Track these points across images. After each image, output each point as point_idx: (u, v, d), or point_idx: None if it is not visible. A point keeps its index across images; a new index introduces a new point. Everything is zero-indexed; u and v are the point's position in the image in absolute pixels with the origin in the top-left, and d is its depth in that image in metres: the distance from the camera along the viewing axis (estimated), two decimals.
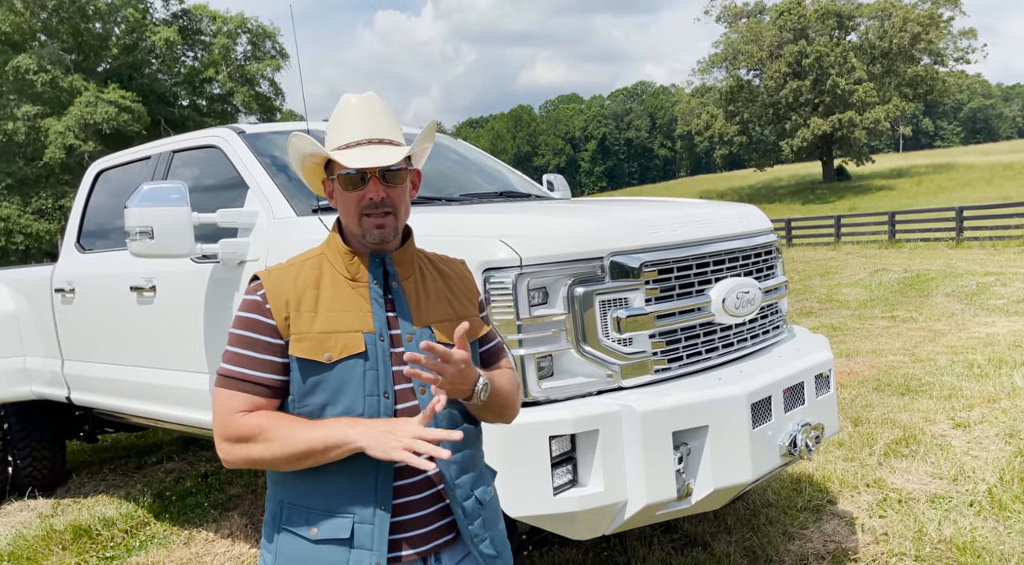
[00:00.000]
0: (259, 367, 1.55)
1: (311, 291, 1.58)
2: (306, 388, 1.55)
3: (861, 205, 39.31)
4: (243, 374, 1.55)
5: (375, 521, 1.56)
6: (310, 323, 1.55)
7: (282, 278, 1.60)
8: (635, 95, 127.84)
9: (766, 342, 3.25)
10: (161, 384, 3.95)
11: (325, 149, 1.62)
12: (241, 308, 1.59)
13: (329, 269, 1.62)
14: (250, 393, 1.54)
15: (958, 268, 14.72)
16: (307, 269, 1.62)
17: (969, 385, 6.23)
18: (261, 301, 1.57)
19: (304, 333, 1.54)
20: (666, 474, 2.59)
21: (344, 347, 1.55)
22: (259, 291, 1.58)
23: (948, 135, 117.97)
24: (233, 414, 1.53)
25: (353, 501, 1.56)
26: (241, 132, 3.85)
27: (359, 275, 1.62)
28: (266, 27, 40.80)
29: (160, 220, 3.24)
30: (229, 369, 1.56)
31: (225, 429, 1.54)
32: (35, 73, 32.73)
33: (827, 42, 49.24)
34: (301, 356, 1.54)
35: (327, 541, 1.56)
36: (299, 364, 1.54)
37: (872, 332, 9.55)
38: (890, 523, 3.74)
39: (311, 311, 1.56)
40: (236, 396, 1.54)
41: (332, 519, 1.56)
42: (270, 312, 1.55)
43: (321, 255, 1.65)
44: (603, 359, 2.68)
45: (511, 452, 2.50)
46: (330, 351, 1.54)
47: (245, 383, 1.54)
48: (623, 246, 2.75)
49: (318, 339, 1.54)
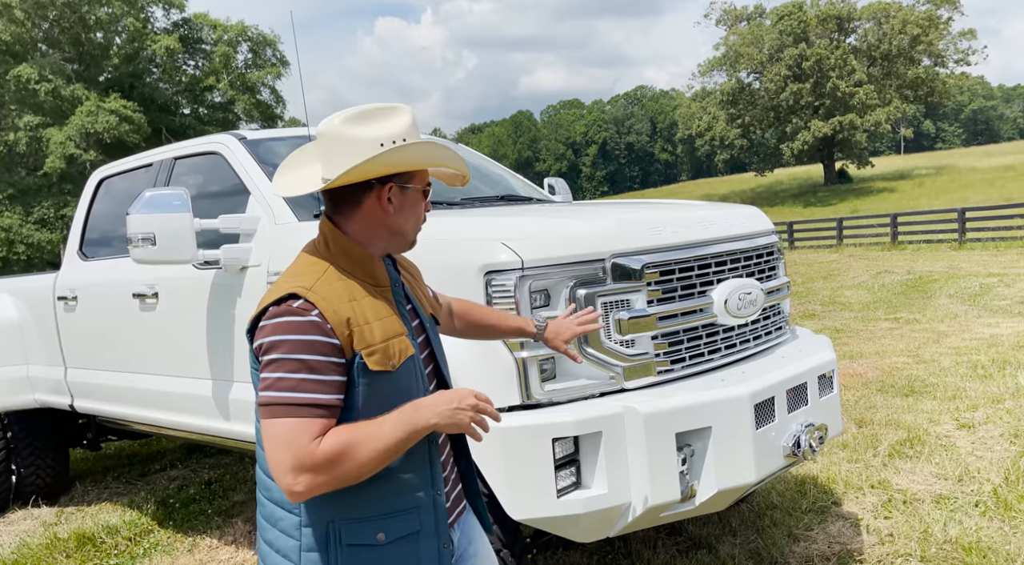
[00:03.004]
0: (327, 389, 1.46)
1: (356, 304, 1.55)
2: (374, 398, 1.52)
3: (863, 207, 39.30)
4: (312, 400, 1.44)
5: (435, 508, 1.63)
6: (372, 335, 1.53)
7: (329, 295, 1.51)
8: (636, 99, 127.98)
9: (769, 343, 3.24)
10: (164, 391, 3.96)
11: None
12: (292, 330, 1.46)
13: (350, 280, 1.58)
14: (321, 418, 1.45)
15: (961, 269, 14.71)
16: (335, 281, 1.56)
17: (973, 386, 6.21)
18: (320, 321, 1.47)
19: (372, 346, 1.52)
20: (670, 476, 2.59)
21: (401, 352, 1.58)
22: (312, 311, 1.47)
23: (949, 137, 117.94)
24: (309, 444, 1.42)
25: (414, 495, 1.60)
26: (242, 138, 3.86)
27: (381, 280, 1.65)
28: (266, 35, 40.95)
29: (162, 226, 3.25)
30: (294, 397, 1.43)
31: (305, 460, 1.41)
32: (36, 83, 32.85)
33: (827, 45, 49.28)
34: (376, 368, 1.52)
35: (397, 540, 1.58)
36: (371, 377, 1.52)
37: (875, 334, 9.53)
38: (895, 524, 3.72)
39: (367, 323, 1.53)
40: (309, 424, 1.43)
41: (398, 518, 1.58)
42: (332, 331, 1.48)
43: (333, 267, 1.58)
44: (606, 361, 2.68)
45: (514, 455, 2.49)
46: (393, 358, 1.55)
47: (315, 408, 1.45)
48: (625, 248, 2.75)
49: (383, 349, 1.54)
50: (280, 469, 1.43)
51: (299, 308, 1.48)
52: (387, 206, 1.61)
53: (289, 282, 1.53)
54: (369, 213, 1.61)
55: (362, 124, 1.58)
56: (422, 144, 1.60)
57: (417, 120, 1.66)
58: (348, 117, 1.59)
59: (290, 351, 1.45)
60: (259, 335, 1.50)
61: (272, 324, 1.48)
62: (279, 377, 1.44)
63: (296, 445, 1.42)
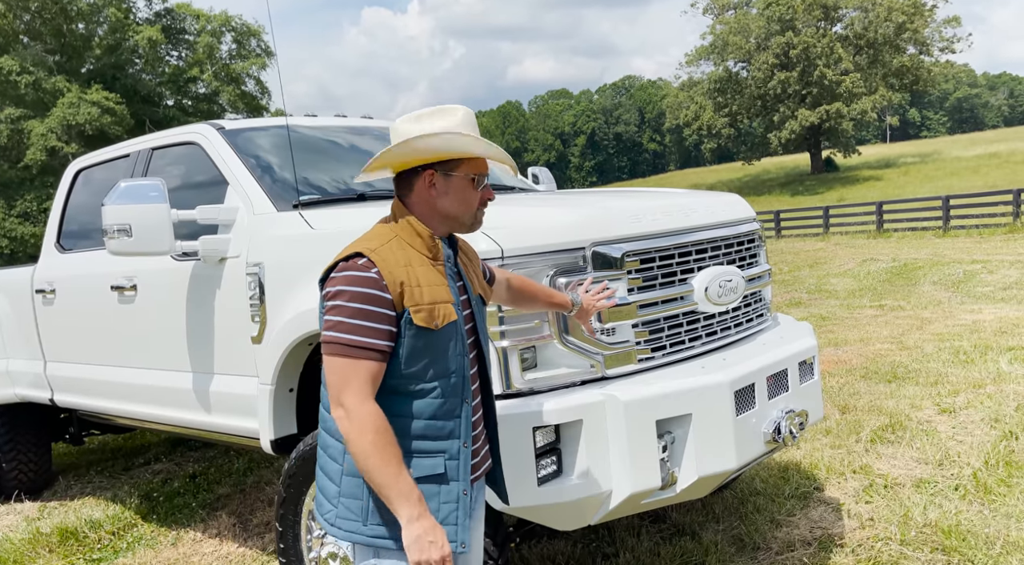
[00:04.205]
0: (378, 335, 1.73)
1: (410, 269, 1.80)
2: (416, 351, 1.78)
3: (849, 196, 39.48)
4: (364, 342, 1.72)
5: (460, 457, 1.85)
6: (420, 296, 1.78)
7: (389, 258, 1.78)
8: (624, 89, 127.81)
9: (750, 330, 3.25)
10: (144, 384, 3.92)
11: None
12: (352, 282, 1.74)
13: (411, 250, 1.83)
14: (370, 360, 1.72)
15: (945, 256, 14.80)
16: (396, 250, 1.81)
17: (955, 371, 6.26)
18: (378, 278, 1.74)
19: (419, 305, 1.77)
20: (650, 463, 2.59)
21: (445, 315, 1.81)
22: (372, 269, 1.75)
23: (935, 125, 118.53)
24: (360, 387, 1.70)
25: (444, 441, 1.83)
26: (221, 128, 3.82)
27: (438, 255, 1.88)
28: (250, 25, 40.49)
29: (138, 217, 3.21)
30: (349, 339, 1.72)
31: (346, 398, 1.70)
32: (18, 75, 32.43)
33: (814, 33, 49.33)
34: (420, 324, 1.76)
35: (422, 479, 1.79)
36: (416, 331, 1.77)
37: (860, 321, 9.59)
38: (876, 508, 3.75)
39: (418, 286, 1.78)
40: (358, 365, 1.71)
41: (427, 458, 1.81)
42: (387, 287, 1.74)
43: (397, 238, 1.84)
44: (586, 349, 2.67)
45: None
46: (437, 320, 1.79)
47: (366, 350, 1.72)
48: (605, 236, 2.74)
49: (429, 309, 1.78)
50: (332, 396, 1.74)
51: (363, 265, 1.76)
52: (431, 190, 1.87)
53: (360, 244, 1.82)
54: (420, 196, 1.88)
55: (416, 121, 1.84)
56: (447, 135, 1.79)
57: (471, 119, 1.88)
58: (408, 117, 1.87)
59: (351, 299, 1.73)
60: (328, 284, 1.79)
61: (340, 276, 1.77)
62: (339, 321, 1.73)
63: (345, 380, 1.71)
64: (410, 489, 1.70)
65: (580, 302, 2.54)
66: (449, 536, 1.80)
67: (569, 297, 2.52)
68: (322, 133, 4.13)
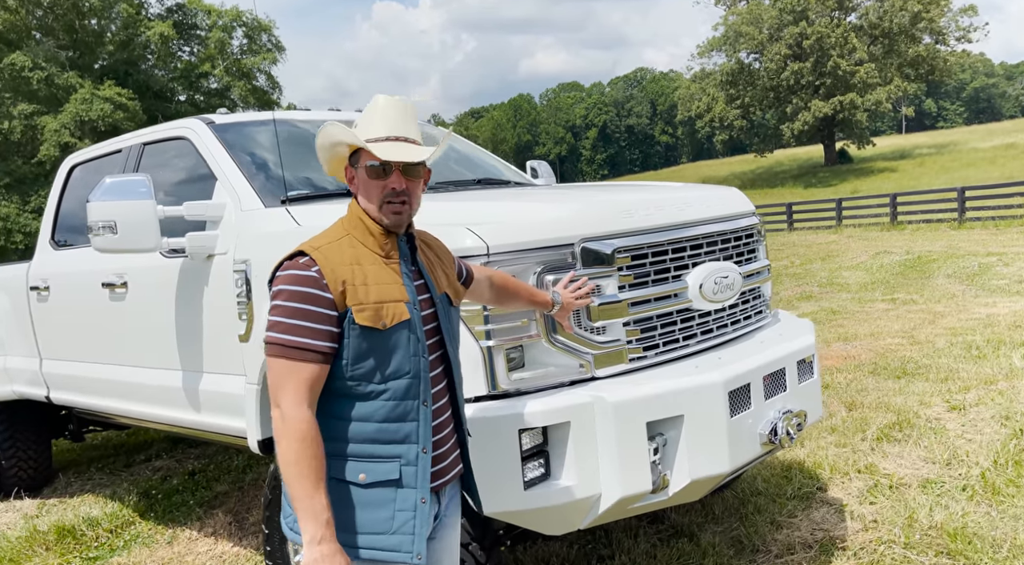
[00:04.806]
0: (317, 336, 1.69)
1: (357, 267, 1.75)
2: (362, 352, 1.73)
3: (864, 187, 39.08)
4: (302, 343, 1.67)
5: (418, 463, 1.77)
6: (365, 295, 1.73)
7: (331, 255, 1.74)
8: (635, 82, 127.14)
9: (748, 328, 3.16)
10: (136, 382, 3.88)
11: (359, 139, 1.81)
12: (291, 282, 1.70)
13: (362, 248, 1.80)
14: (309, 362, 1.67)
15: (960, 249, 14.59)
16: (345, 247, 1.78)
17: (966, 367, 6.13)
18: (318, 276, 1.70)
19: (363, 304, 1.72)
20: (640, 466, 2.52)
21: (394, 315, 1.75)
22: (313, 267, 1.71)
23: (951, 115, 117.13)
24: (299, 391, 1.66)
25: (400, 446, 1.76)
26: (211, 122, 3.76)
27: (392, 253, 1.83)
28: (261, 20, 40.57)
29: (124, 214, 3.15)
30: (287, 339, 1.67)
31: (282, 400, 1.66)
32: (30, 70, 32.59)
33: (828, 23, 48.80)
34: (364, 324, 1.71)
35: (376, 484, 1.74)
36: (360, 331, 1.72)
37: (871, 315, 9.45)
38: (880, 509, 3.66)
39: (363, 285, 1.74)
40: (295, 366, 1.67)
41: (381, 463, 1.75)
42: (327, 286, 1.70)
43: (348, 236, 1.81)
44: (575, 348, 2.60)
45: (479, 447, 2.41)
46: (384, 319, 1.74)
47: (304, 351, 1.67)
48: (595, 232, 2.66)
49: (375, 309, 1.73)
50: (271, 397, 1.69)
51: (303, 263, 1.73)
52: (352, 186, 1.87)
53: (306, 242, 1.79)
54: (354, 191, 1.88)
55: None
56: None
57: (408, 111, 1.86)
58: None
59: (289, 299, 1.69)
60: (272, 283, 1.76)
61: (281, 275, 1.74)
62: (278, 321, 1.69)
63: (281, 382, 1.66)
64: (321, 509, 1.62)
65: (561, 301, 2.48)
66: (403, 547, 1.74)
67: (550, 296, 2.47)
68: (314, 127, 4.05)
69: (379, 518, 1.74)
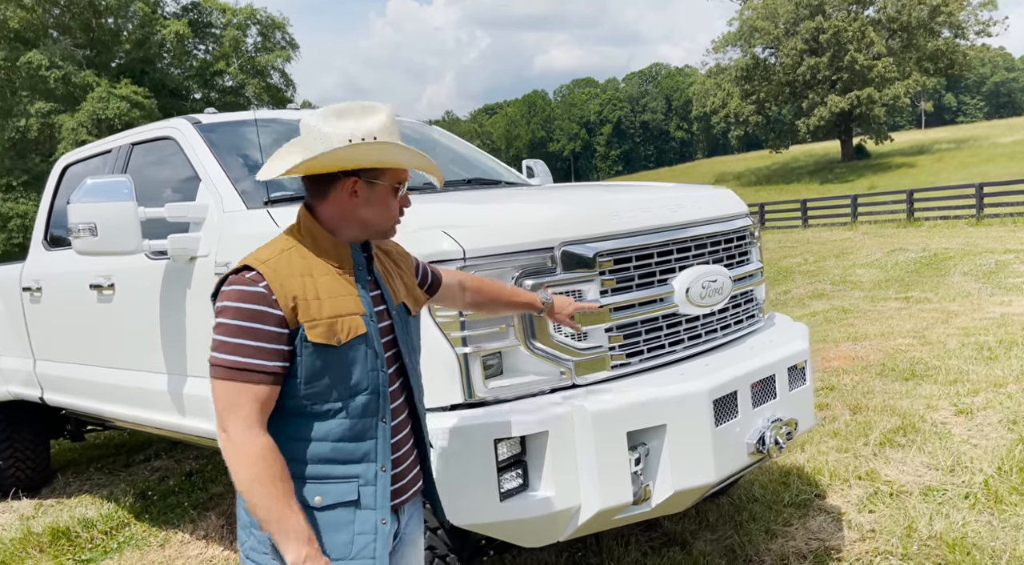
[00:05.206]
0: (266, 356, 1.58)
1: (308, 280, 1.65)
2: (316, 369, 1.63)
3: (881, 183, 38.63)
4: (250, 364, 1.56)
5: (377, 482, 1.69)
6: (319, 310, 1.62)
7: (280, 268, 1.63)
8: (650, 77, 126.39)
9: (739, 333, 3.07)
10: (124, 385, 3.85)
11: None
12: (236, 298, 1.59)
13: (313, 258, 1.69)
14: (259, 383, 1.57)
15: (977, 246, 14.36)
16: (295, 259, 1.67)
17: (976, 369, 6.00)
18: (266, 292, 1.59)
19: (316, 320, 1.61)
20: (621, 477, 2.45)
21: (350, 330, 1.65)
22: (260, 282, 1.59)
23: (971, 110, 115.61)
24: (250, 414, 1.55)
25: (357, 465, 1.67)
26: (197, 122, 3.72)
27: (345, 264, 1.72)
28: (275, 18, 40.70)
29: (104, 216, 3.11)
30: (234, 361, 1.56)
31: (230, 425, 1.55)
32: (47, 69, 32.87)
33: (845, 17, 48.25)
34: (318, 341, 1.61)
35: (333, 506, 1.65)
36: (313, 349, 1.61)
37: (883, 314, 9.30)
38: (879, 518, 3.56)
39: (316, 299, 1.63)
40: (243, 389, 1.56)
41: (338, 484, 1.66)
42: (277, 302, 1.59)
43: (298, 246, 1.70)
44: (555, 356, 2.53)
45: (452, 457, 2.35)
46: (339, 334, 1.64)
47: (253, 373, 1.56)
48: (576, 235, 2.59)
49: (329, 324, 1.63)
50: (217, 422, 1.58)
51: (250, 279, 1.60)
52: (352, 199, 1.70)
53: (252, 255, 1.66)
54: (336, 203, 1.70)
55: (338, 120, 1.65)
56: (380, 145, 1.63)
57: (394, 120, 1.70)
58: (327, 112, 1.67)
59: (235, 317, 1.58)
60: (218, 298, 1.63)
61: (226, 291, 1.61)
62: (223, 340, 1.58)
63: (229, 406, 1.56)
64: (300, 527, 1.54)
65: (551, 300, 2.35)
66: None
67: (539, 296, 2.34)
68: None
69: (338, 542, 1.65)
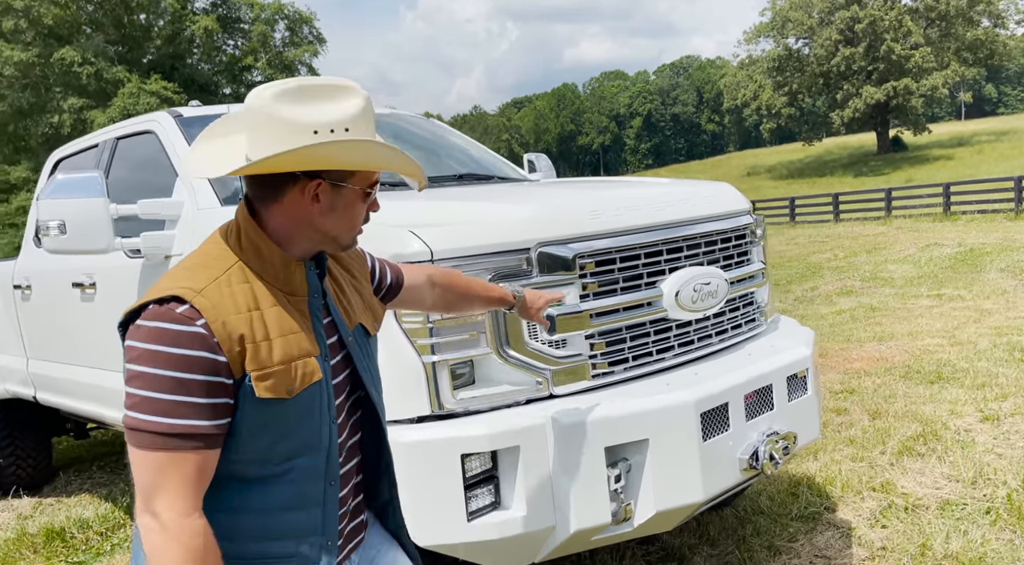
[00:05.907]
0: (207, 415, 1.22)
1: (255, 314, 1.28)
2: (260, 426, 1.29)
3: (918, 177, 37.69)
4: (184, 427, 1.19)
5: (323, 553, 1.39)
6: (268, 355, 1.27)
7: (222, 302, 1.25)
8: (682, 69, 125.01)
9: (736, 338, 2.87)
10: (108, 386, 3.75)
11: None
12: (164, 341, 1.20)
13: (258, 283, 1.32)
14: (197, 450, 1.21)
15: (1016, 241, 13.86)
16: (236, 285, 1.29)
17: (1007, 372, 5.70)
18: (205, 334, 1.21)
19: (267, 368, 1.27)
20: (598, 496, 2.27)
21: (303, 377, 1.32)
22: (197, 321, 1.21)
23: (1012, 101, 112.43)
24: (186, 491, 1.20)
25: (299, 541, 1.36)
26: (178, 115, 3.60)
27: (297, 289, 1.37)
28: (303, 13, 40.91)
29: (73, 213, 3.00)
30: (167, 424, 1.18)
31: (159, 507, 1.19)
32: (80, 65, 33.37)
33: (881, 6, 47.15)
34: (266, 396, 1.26)
35: None
36: (259, 403, 1.27)
37: (913, 312, 8.96)
38: (891, 534, 3.34)
39: (265, 340, 1.28)
40: (176, 459, 1.19)
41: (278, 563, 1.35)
42: (219, 346, 1.22)
43: (238, 266, 1.31)
44: (531, 364, 2.36)
45: (416, 473, 2.19)
46: (292, 384, 1.30)
47: (191, 439, 1.20)
48: (554, 235, 2.42)
49: (280, 373, 1.28)
50: (139, 498, 1.21)
51: (182, 315, 1.21)
52: (313, 204, 1.33)
53: (180, 278, 1.27)
54: (291, 209, 1.33)
55: (298, 103, 1.27)
56: (358, 144, 1.28)
57: (370, 105, 1.34)
58: (282, 91, 1.28)
59: (165, 366, 1.19)
60: (131, 336, 1.23)
61: (148, 328, 1.21)
62: (146, 397, 1.19)
63: (158, 481, 1.19)
64: None
65: (522, 294, 2.11)
66: None
67: (512, 291, 2.10)
68: None
69: None
